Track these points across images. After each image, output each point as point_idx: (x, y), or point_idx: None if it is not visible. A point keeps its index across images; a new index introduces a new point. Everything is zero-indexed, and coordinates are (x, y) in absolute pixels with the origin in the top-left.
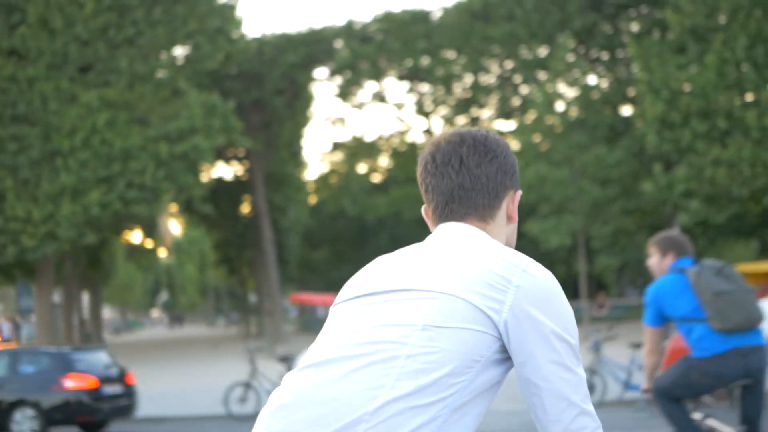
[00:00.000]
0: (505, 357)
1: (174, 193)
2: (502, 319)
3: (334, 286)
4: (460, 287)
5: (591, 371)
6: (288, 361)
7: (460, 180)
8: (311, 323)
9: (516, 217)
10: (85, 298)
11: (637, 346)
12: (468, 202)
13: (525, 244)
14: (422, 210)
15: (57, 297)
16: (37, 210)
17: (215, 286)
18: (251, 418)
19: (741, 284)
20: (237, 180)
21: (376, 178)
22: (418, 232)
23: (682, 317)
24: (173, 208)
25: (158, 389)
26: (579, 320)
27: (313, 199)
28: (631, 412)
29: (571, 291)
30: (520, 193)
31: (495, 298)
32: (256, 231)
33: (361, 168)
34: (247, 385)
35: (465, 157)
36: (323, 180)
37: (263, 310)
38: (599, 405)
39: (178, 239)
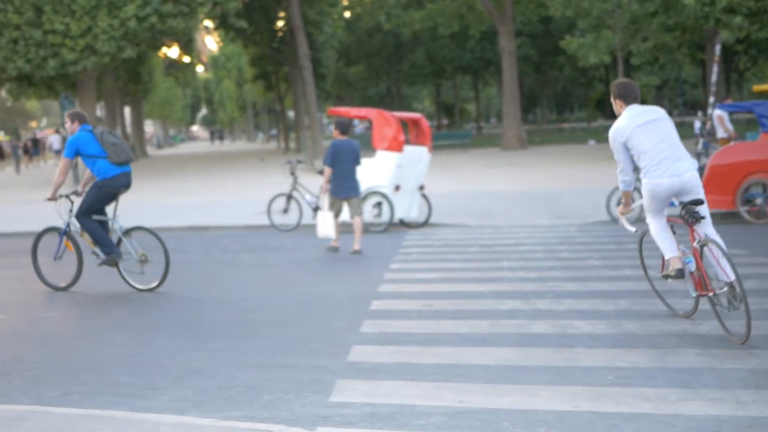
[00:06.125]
0: None
1: (209, 7)
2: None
3: (370, 102)
4: (666, 115)
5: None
6: None
7: (637, 93)
8: None
9: None
10: (127, 112)
11: None
12: (639, 98)
13: (564, 60)
14: (615, 99)
15: (99, 111)
16: (74, 23)
17: (253, 102)
18: (292, 228)
19: (121, 139)
20: None
21: None
22: (453, 48)
23: (92, 155)
24: (209, 23)
25: (200, 200)
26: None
27: (347, 14)
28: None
29: (609, 109)
30: None
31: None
32: (291, 46)
33: None
34: (289, 197)
35: (635, 86)
36: None
37: (301, 125)
38: None
39: (214, 55)
